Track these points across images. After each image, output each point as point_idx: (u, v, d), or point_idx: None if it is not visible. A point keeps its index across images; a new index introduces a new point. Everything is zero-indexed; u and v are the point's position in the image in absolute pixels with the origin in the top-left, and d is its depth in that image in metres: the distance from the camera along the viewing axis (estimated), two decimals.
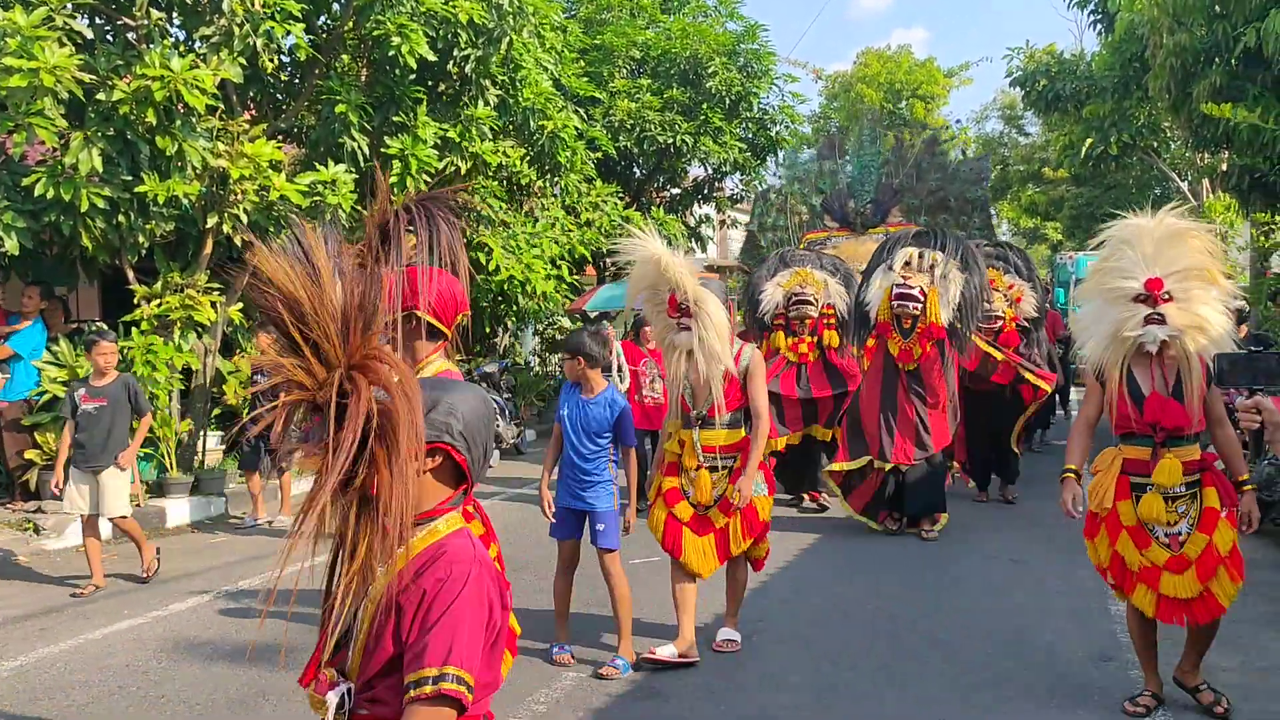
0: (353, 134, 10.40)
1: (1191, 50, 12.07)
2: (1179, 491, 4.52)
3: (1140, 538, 4.55)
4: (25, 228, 8.45)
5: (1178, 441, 4.52)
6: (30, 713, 4.93)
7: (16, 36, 7.89)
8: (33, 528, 8.73)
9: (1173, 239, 4.46)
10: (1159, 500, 4.49)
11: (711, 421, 5.42)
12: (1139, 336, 4.44)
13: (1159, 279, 4.40)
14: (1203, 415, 4.52)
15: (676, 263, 5.49)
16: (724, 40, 18.56)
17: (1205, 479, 4.58)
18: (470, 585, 1.91)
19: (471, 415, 2.06)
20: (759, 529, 5.52)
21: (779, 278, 9.84)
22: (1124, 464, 4.60)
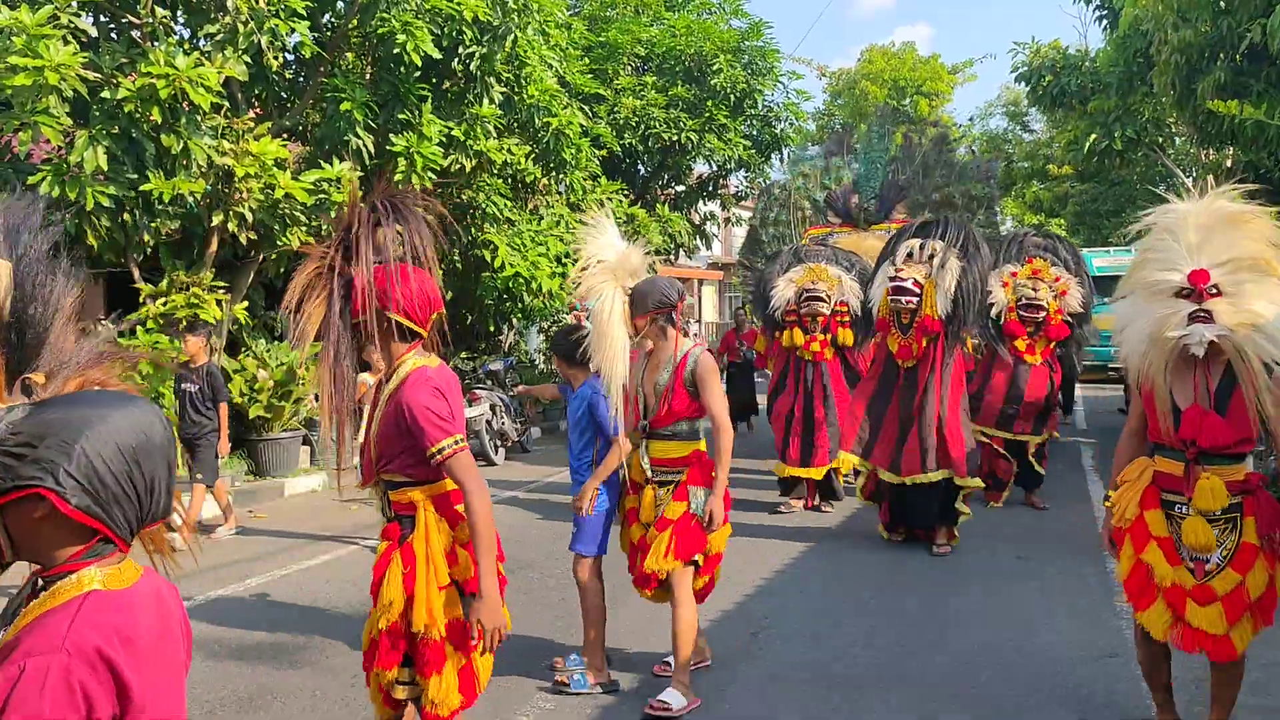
0: (358, 132, 10.42)
1: (1196, 46, 12.04)
2: (1217, 515, 3.93)
3: (1170, 553, 4.01)
4: None
5: (1218, 459, 3.92)
6: None
7: (22, 35, 7.92)
8: None
9: (1223, 225, 3.88)
10: (1203, 526, 3.91)
11: (660, 432, 4.86)
12: (1183, 337, 3.81)
13: (1205, 270, 3.81)
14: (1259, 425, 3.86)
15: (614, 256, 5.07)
16: (729, 37, 18.56)
17: (1246, 505, 3.95)
18: (30, 684, 1.48)
19: (110, 454, 1.60)
20: (690, 551, 4.77)
21: (792, 273, 9.63)
22: (1155, 476, 4.08)
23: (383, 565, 3.34)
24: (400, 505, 3.38)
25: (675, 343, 4.86)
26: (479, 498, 3.21)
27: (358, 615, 6.26)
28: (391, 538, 3.37)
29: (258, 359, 11.22)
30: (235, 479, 10.48)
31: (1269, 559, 3.92)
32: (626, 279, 4.94)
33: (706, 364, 4.81)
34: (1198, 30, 12.00)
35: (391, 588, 3.27)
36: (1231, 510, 3.93)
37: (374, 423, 3.38)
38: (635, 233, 15.64)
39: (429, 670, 3.28)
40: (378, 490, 3.45)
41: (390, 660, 3.30)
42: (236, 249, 10.33)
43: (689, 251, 20.53)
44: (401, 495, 3.36)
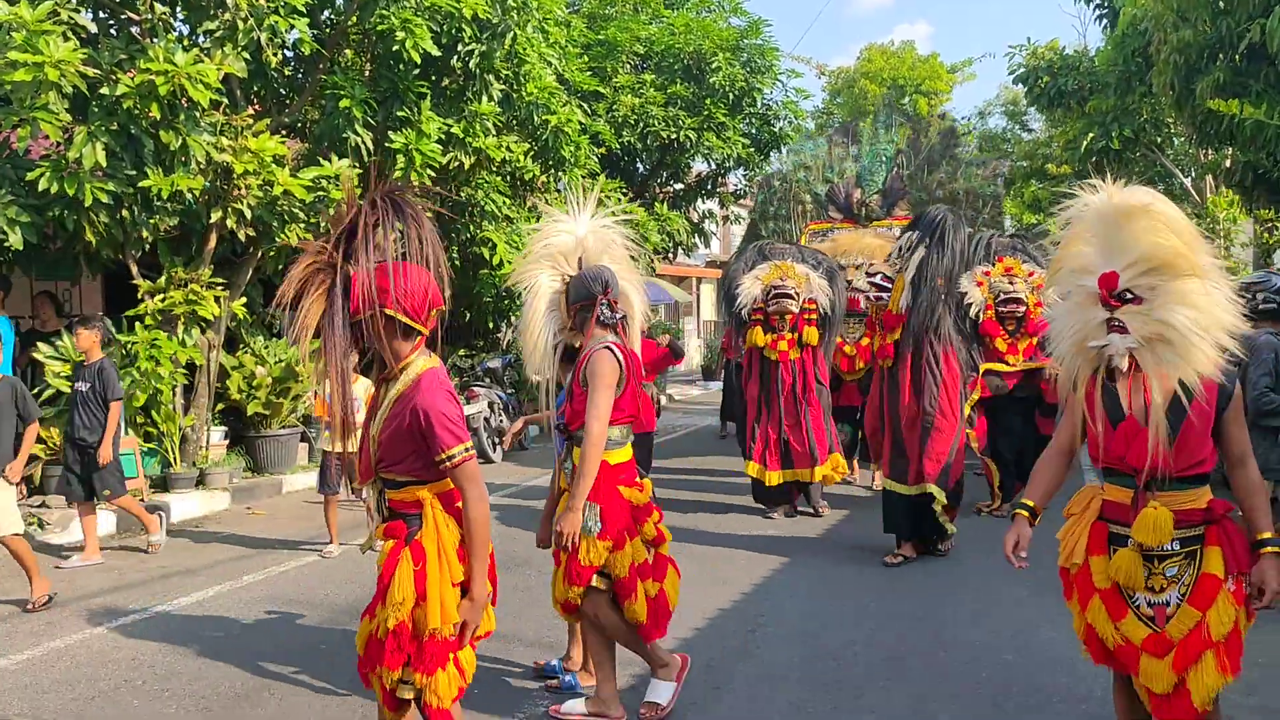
0: (356, 129, 10.41)
1: (1195, 46, 12.06)
2: (1171, 550, 3.37)
3: (1115, 605, 3.45)
4: (29, 222, 8.46)
5: (1170, 484, 3.35)
6: (36, 706, 4.94)
7: (22, 30, 7.91)
8: (37, 522, 8.74)
9: (1126, 221, 3.34)
10: (1134, 559, 3.39)
11: (576, 435, 4.51)
12: (1104, 348, 3.37)
13: (1114, 273, 3.31)
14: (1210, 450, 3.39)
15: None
16: (727, 36, 18.55)
17: (1210, 535, 3.38)
18: None
19: None
20: (582, 574, 4.40)
21: (757, 271, 9.34)
22: (1103, 507, 3.52)
23: (391, 563, 3.28)
24: (402, 504, 3.35)
25: (589, 339, 4.54)
26: (480, 505, 3.27)
27: (356, 610, 6.27)
28: (398, 535, 3.32)
29: (256, 356, 11.22)
30: (234, 475, 10.49)
31: (1236, 598, 3.33)
32: (568, 266, 4.78)
33: (594, 363, 4.39)
34: (1197, 30, 12.03)
35: (403, 586, 3.23)
36: (1192, 542, 3.38)
37: (374, 422, 3.36)
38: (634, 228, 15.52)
39: (434, 667, 3.26)
40: (373, 489, 3.43)
41: (397, 660, 3.27)
42: (235, 246, 10.32)
43: (687, 250, 20.53)
44: (406, 494, 3.33)
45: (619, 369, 4.39)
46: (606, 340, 4.46)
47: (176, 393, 10.06)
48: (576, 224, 4.93)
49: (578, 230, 4.91)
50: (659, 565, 4.61)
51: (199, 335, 9.90)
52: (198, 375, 10.41)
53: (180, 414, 10.14)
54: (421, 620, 3.24)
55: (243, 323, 11.06)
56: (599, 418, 4.32)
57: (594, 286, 4.54)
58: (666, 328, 24.78)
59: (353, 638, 5.75)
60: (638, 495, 4.53)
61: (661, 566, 4.62)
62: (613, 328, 4.53)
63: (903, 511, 7.51)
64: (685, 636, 5.82)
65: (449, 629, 3.25)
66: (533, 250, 4.94)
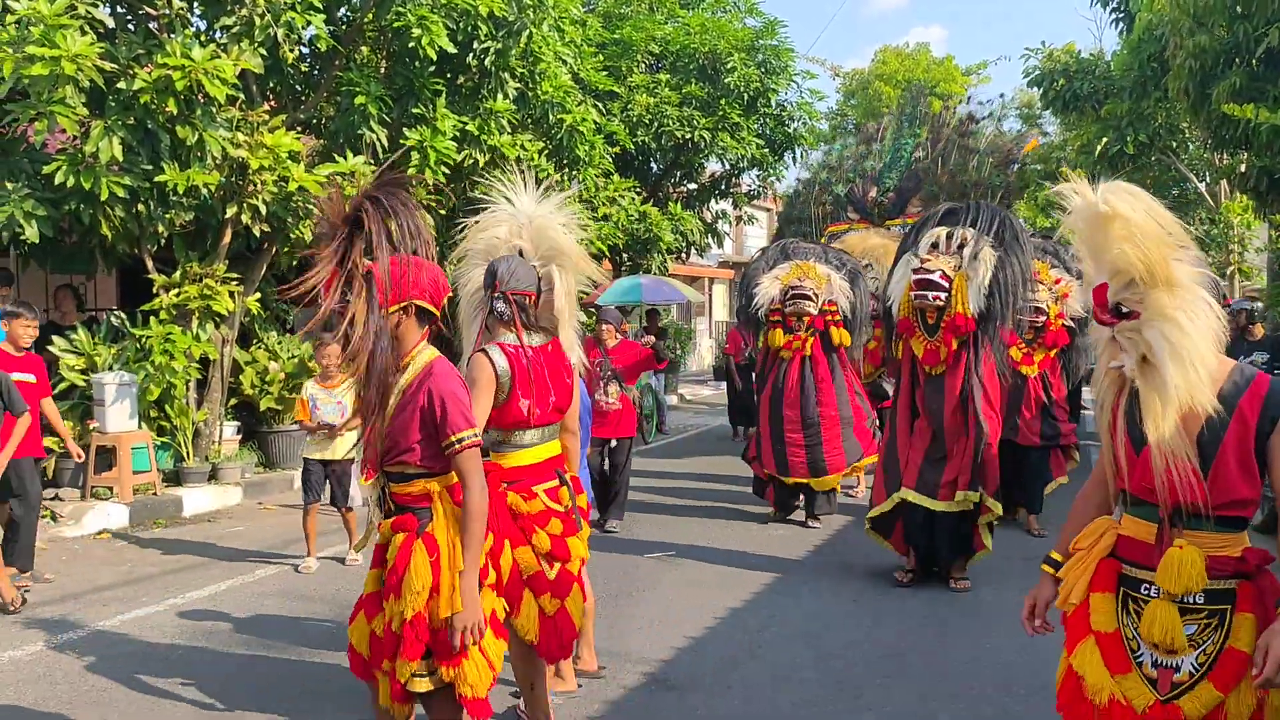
0: (372, 125, 10.44)
1: (1212, 51, 12.03)
2: (1194, 603, 2.78)
3: (1117, 655, 2.86)
4: (45, 216, 8.51)
5: (1204, 522, 2.77)
6: (50, 698, 4.96)
7: (40, 25, 7.94)
8: (50, 515, 8.78)
9: (1098, 227, 2.87)
10: (1170, 615, 2.77)
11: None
12: (1119, 366, 2.90)
13: (1103, 286, 2.87)
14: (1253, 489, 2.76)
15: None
16: (743, 36, 18.54)
17: (1243, 597, 2.76)
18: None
19: None
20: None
21: (778, 270, 8.98)
22: (1117, 542, 2.94)
23: (405, 554, 3.26)
24: (409, 497, 3.34)
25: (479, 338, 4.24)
26: (481, 495, 3.26)
27: None
28: (409, 528, 3.30)
29: (269, 351, 11.25)
30: (246, 470, 10.52)
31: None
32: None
33: (468, 372, 4.04)
34: (1213, 35, 12.00)
35: (421, 574, 3.21)
36: (1220, 599, 2.76)
37: (382, 414, 3.32)
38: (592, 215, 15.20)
39: (459, 658, 3.24)
40: (376, 484, 3.40)
41: (416, 650, 3.23)
42: (250, 241, 10.35)
43: (700, 250, 20.52)
44: (414, 487, 3.32)
45: (493, 373, 4.01)
46: (502, 339, 4.11)
47: (190, 387, 10.10)
48: (517, 210, 4.62)
49: (518, 216, 4.60)
50: (562, 581, 4.17)
51: (213, 330, 9.93)
52: (211, 370, 10.44)
53: (193, 408, 10.18)
54: (435, 611, 3.23)
55: (256, 318, 11.10)
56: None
57: (485, 279, 4.21)
58: (679, 328, 24.80)
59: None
60: (524, 503, 4.12)
61: (566, 583, 4.19)
62: (510, 324, 4.12)
63: (922, 527, 6.91)
64: (695, 635, 5.83)
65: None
66: (471, 243, 4.64)
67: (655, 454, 13.77)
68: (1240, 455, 2.74)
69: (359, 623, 3.43)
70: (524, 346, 4.09)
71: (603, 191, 16.06)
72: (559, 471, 4.27)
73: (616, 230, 15.97)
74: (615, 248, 16.75)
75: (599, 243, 14.91)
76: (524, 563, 4.07)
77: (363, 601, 3.48)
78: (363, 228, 3.18)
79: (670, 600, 6.55)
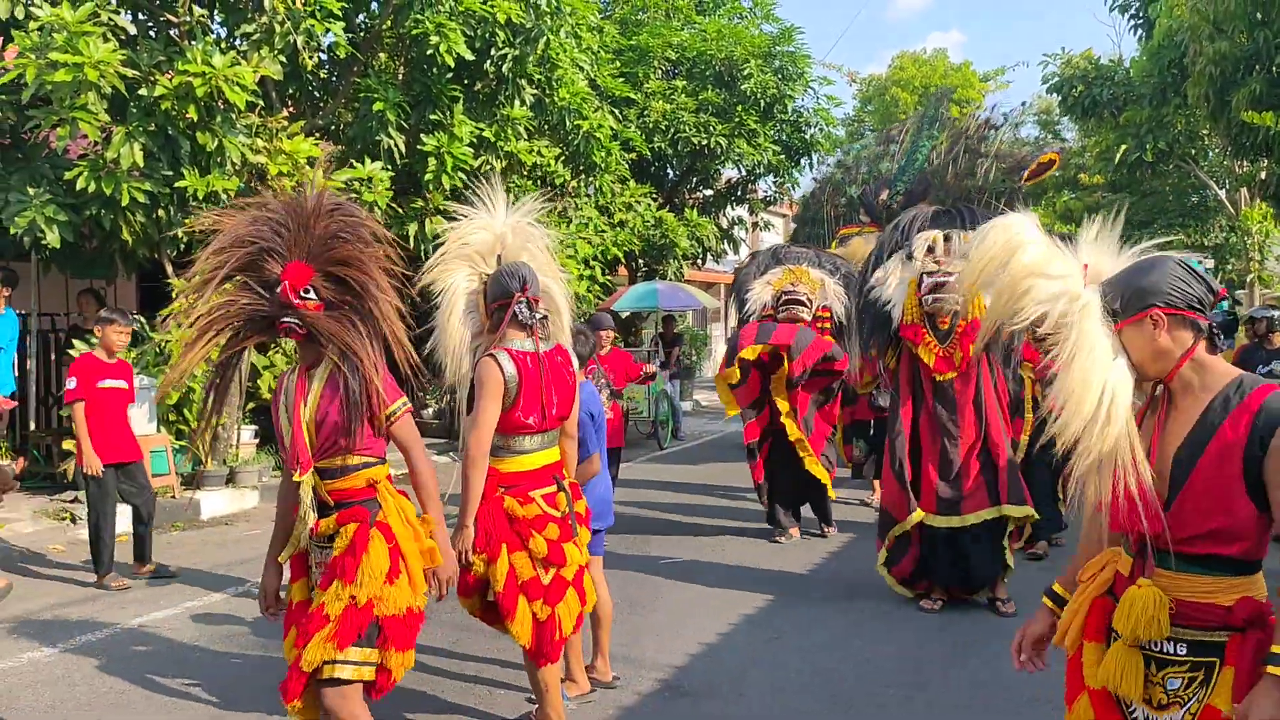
0: (389, 131, 10.50)
1: (1232, 58, 11.99)
2: (1174, 654, 2.43)
3: (1106, 713, 2.54)
4: (67, 221, 8.59)
5: (1190, 562, 2.40)
6: (66, 698, 5.00)
7: (63, 32, 8.02)
8: (69, 518, 8.85)
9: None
10: (1130, 659, 2.46)
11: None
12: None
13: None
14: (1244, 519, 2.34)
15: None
16: (759, 42, 18.56)
17: (1231, 649, 2.37)
18: None
19: None
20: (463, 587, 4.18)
21: (769, 275, 8.69)
22: (1115, 579, 2.58)
23: (363, 541, 3.27)
24: (352, 491, 3.36)
25: (500, 341, 4.18)
26: (428, 461, 3.50)
27: None
28: (360, 519, 3.32)
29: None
30: (263, 474, 10.58)
31: None
32: (487, 265, 4.47)
33: (476, 375, 4.09)
34: (1234, 42, 11.96)
35: (381, 559, 3.27)
36: (1206, 651, 2.40)
37: (305, 408, 3.32)
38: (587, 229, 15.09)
39: (407, 644, 3.36)
40: (308, 482, 3.32)
41: (349, 636, 3.23)
42: None
43: (716, 256, 20.53)
44: (356, 479, 3.35)
45: (501, 378, 4.02)
46: (510, 344, 4.11)
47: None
48: (494, 220, 4.58)
49: (495, 226, 4.57)
50: (556, 587, 4.14)
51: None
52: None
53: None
54: (391, 599, 3.28)
55: None
56: (476, 427, 4.04)
57: (511, 284, 4.17)
58: (694, 333, 24.80)
59: None
60: (520, 507, 4.09)
61: (559, 589, 4.15)
62: (529, 329, 4.16)
63: (943, 552, 6.45)
64: (709, 642, 5.83)
65: (418, 604, 3.39)
66: (449, 249, 4.58)
67: (670, 460, 13.77)
68: (1218, 482, 2.35)
69: (292, 637, 3.41)
70: (535, 352, 4.12)
71: (619, 197, 16.08)
72: (557, 477, 4.27)
73: (633, 236, 16.00)
74: (631, 254, 16.79)
75: (615, 248, 14.95)
76: (519, 568, 4.06)
77: (292, 614, 3.46)
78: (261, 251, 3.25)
79: (684, 607, 6.55)
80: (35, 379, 10.74)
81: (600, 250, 14.56)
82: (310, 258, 3.28)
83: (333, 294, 3.31)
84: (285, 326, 3.26)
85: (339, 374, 3.27)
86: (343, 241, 3.31)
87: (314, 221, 3.29)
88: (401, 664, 3.35)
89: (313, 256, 3.28)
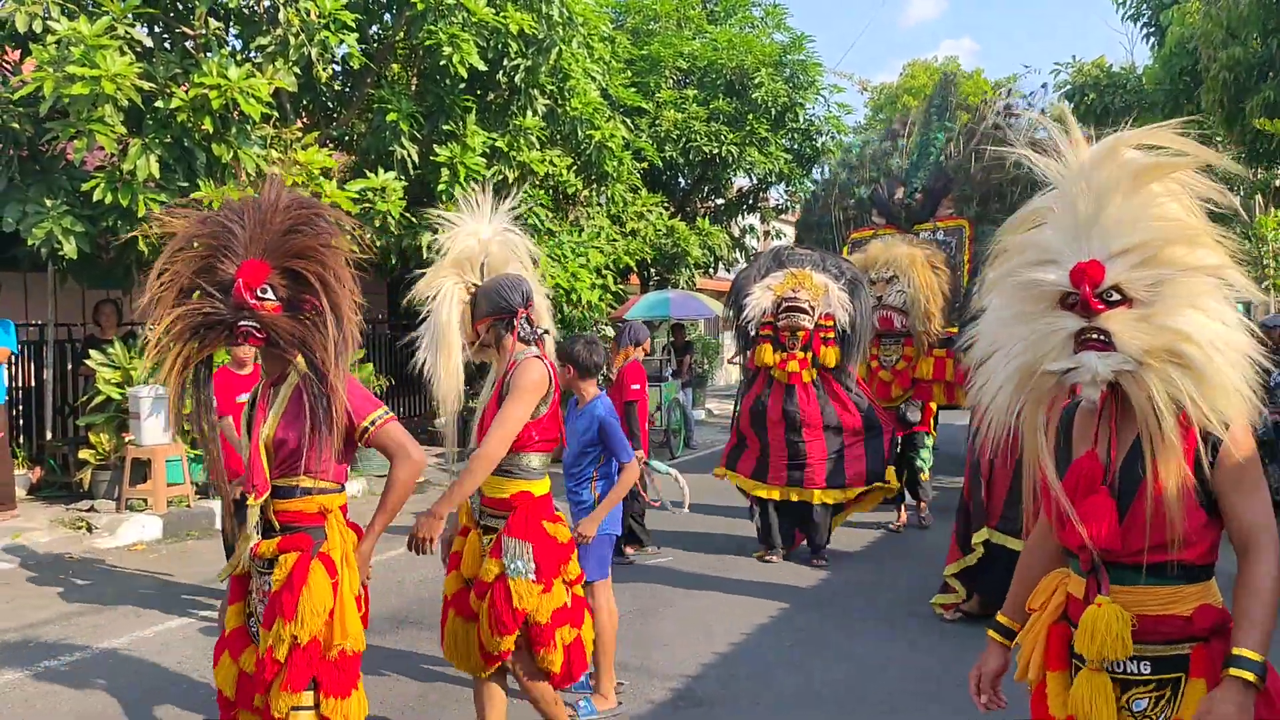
0: (403, 142, 10.55)
1: (1245, 64, 11.97)
2: (1137, 673, 2.34)
3: None
4: (84, 232, 8.65)
5: (1145, 573, 2.31)
6: (83, 707, 5.03)
7: (80, 45, 8.08)
8: (86, 527, 8.90)
9: (1127, 187, 2.27)
10: (1100, 685, 2.35)
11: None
12: (1067, 372, 2.33)
13: (1097, 264, 2.26)
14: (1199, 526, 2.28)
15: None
16: (770, 51, 18.60)
17: (1196, 660, 2.30)
18: None
19: None
20: (507, 624, 3.80)
21: (770, 279, 8.18)
22: (1067, 603, 2.47)
23: (302, 574, 3.01)
24: (301, 515, 3.12)
25: (509, 354, 3.96)
26: (412, 467, 3.16)
27: (393, 618, 6.33)
28: (303, 547, 3.07)
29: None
30: None
31: None
32: (473, 275, 4.21)
33: (519, 374, 3.82)
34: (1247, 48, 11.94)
35: (321, 595, 3.00)
36: (1171, 667, 2.31)
37: (266, 427, 3.12)
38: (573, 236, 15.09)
39: (347, 689, 3.08)
40: (257, 504, 3.12)
41: (302, 680, 3.01)
42: None
43: (728, 265, 20.55)
44: (307, 503, 3.11)
45: (548, 383, 3.86)
46: (529, 352, 3.92)
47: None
48: (479, 228, 4.30)
49: (481, 234, 4.28)
50: (576, 609, 4.03)
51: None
52: None
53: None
54: (327, 637, 3.03)
55: None
56: (504, 425, 3.75)
57: (513, 298, 3.94)
58: (706, 341, 24.81)
59: (401, 638, 5.83)
60: (563, 532, 3.98)
61: (579, 610, 4.05)
62: (532, 344, 3.96)
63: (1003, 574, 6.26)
64: (722, 650, 5.83)
65: (351, 646, 3.09)
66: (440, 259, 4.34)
67: (683, 469, 13.70)
68: (1171, 487, 2.24)
69: (224, 664, 3.22)
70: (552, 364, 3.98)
71: (631, 207, 16.12)
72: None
73: (644, 245, 16.04)
74: (643, 262, 16.83)
75: (627, 257, 14.98)
76: (558, 598, 3.89)
77: (226, 641, 3.25)
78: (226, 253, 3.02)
79: (696, 616, 6.56)
80: (52, 389, 10.79)
81: (612, 259, 14.59)
82: (266, 254, 3.01)
83: (293, 293, 3.05)
84: (244, 330, 3.00)
85: (303, 388, 3.05)
86: (299, 234, 3.04)
87: (271, 217, 3.04)
88: (340, 711, 3.05)
89: (269, 253, 3.02)
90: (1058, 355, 2.33)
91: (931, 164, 10.78)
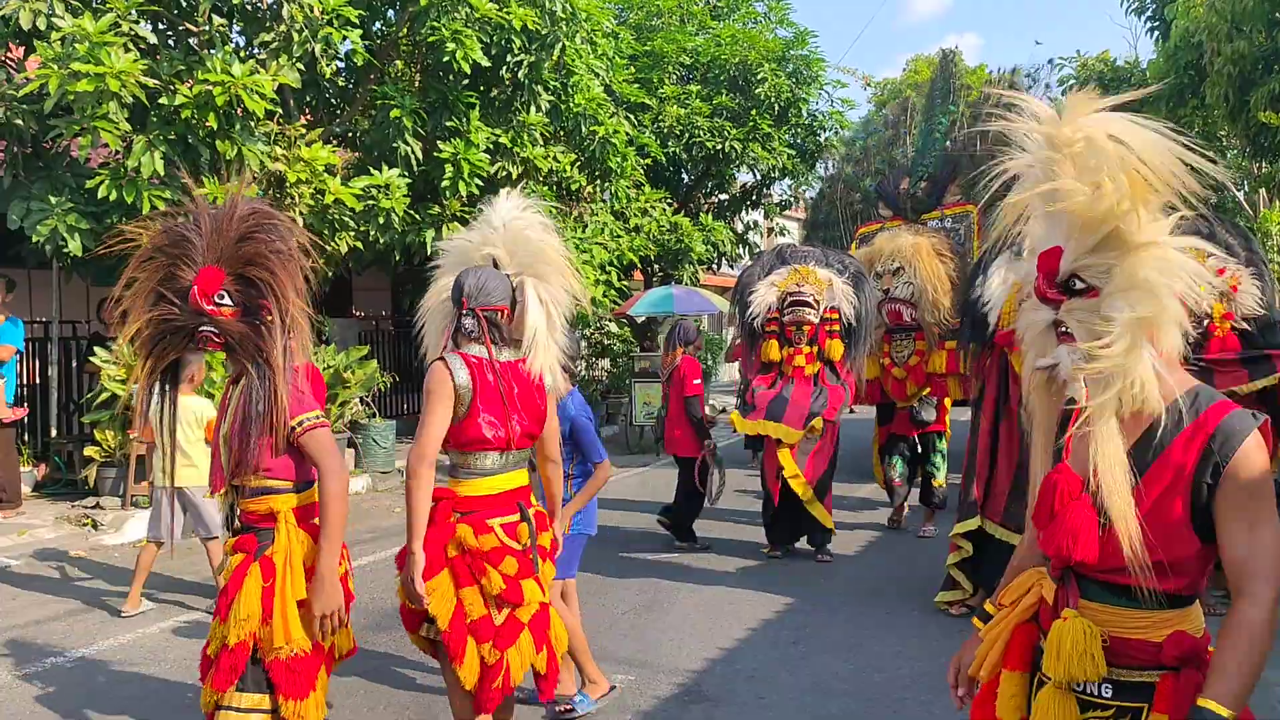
0: (406, 138, 10.55)
1: (1250, 57, 11.94)
2: (1099, 695, 2.14)
3: None
4: (88, 229, 8.65)
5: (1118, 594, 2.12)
6: (87, 705, 5.04)
7: (84, 42, 8.09)
8: (91, 524, 8.91)
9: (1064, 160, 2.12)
10: (1067, 706, 2.15)
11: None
12: (1050, 368, 2.23)
13: (1055, 250, 2.15)
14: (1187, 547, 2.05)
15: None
16: (774, 47, 18.57)
17: (1162, 692, 2.06)
18: None
19: None
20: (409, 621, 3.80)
21: (774, 276, 8.27)
22: (1039, 605, 2.30)
23: (238, 580, 3.15)
24: (255, 516, 3.24)
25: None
26: (336, 478, 3.19)
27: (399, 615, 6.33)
28: (247, 550, 3.21)
29: None
30: None
31: None
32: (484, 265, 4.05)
33: (428, 375, 3.65)
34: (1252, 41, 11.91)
35: (249, 602, 3.11)
36: (1134, 694, 2.10)
37: (224, 424, 3.25)
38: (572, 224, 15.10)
39: (304, 690, 3.15)
40: (225, 499, 3.30)
41: (225, 680, 3.11)
42: None
43: (731, 260, 20.54)
44: (260, 504, 3.23)
45: (451, 384, 3.57)
46: (466, 350, 3.69)
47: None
48: (490, 217, 4.12)
49: (493, 221, 4.09)
50: (509, 629, 3.62)
51: None
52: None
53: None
54: (267, 640, 3.13)
55: None
56: (418, 437, 3.56)
57: (452, 293, 3.78)
58: (710, 338, 24.79)
59: (387, 644, 5.84)
60: (474, 537, 3.58)
61: (512, 631, 3.62)
62: (478, 340, 3.69)
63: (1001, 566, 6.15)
64: (728, 646, 5.84)
65: (297, 648, 3.13)
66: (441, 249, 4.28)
67: None
68: (1160, 510, 2.05)
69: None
70: (492, 360, 3.66)
71: (634, 203, 16.11)
72: (521, 505, 3.72)
73: (648, 241, 16.03)
74: (647, 259, 16.82)
75: (630, 253, 14.97)
76: (469, 604, 3.55)
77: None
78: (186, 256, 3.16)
79: (701, 612, 6.56)
80: (57, 386, 10.81)
81: (616, 255, 14.57)
82: (222, 261, 3.15)
83: (248, 298, 3.17)
84: (203, 336, 3.15)
85: (248, 388, 3.16)
86: (251, 241, 3.17)
87: (226, 225, 3.17)
88: (297, 713, 3.14)
89: (224, 260, 3.16)
90: (1044, 350, 2.23)
91: (936, 151, 10.51)
